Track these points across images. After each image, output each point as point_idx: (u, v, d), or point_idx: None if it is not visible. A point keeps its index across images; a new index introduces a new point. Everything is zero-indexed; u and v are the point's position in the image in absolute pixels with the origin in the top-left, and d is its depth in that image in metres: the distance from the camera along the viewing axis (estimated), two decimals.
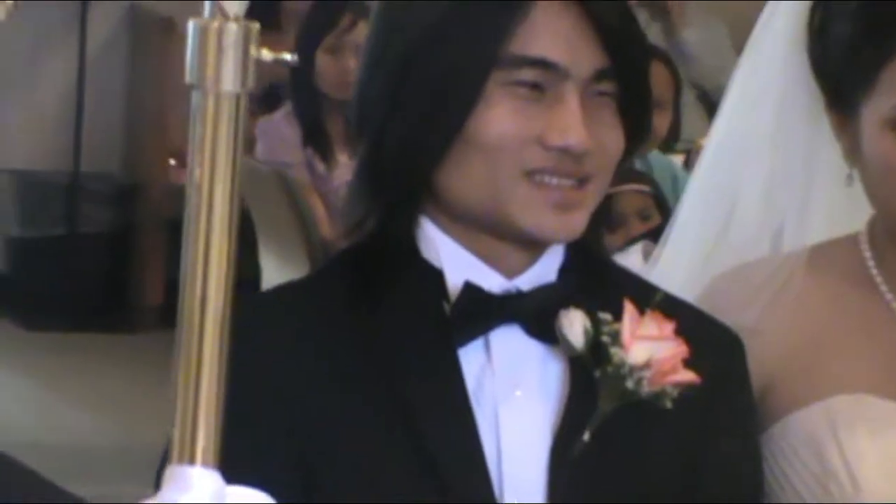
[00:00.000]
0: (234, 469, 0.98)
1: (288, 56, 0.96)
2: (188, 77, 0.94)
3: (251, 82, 0.95)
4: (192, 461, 0.94)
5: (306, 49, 6.26)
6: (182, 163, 7.19)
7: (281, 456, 1.70)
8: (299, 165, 6.31)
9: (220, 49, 0.93)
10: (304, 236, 6.15)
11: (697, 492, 1.91)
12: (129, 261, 8.86)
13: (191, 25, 0.93)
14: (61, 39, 8.93)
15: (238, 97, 0.94)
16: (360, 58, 1.97)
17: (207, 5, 0.93)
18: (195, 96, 0.94)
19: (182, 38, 0.95)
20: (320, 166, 6.22)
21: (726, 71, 2.61)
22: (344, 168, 5.82)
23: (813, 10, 2.10)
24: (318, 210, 6.12)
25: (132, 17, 9.03)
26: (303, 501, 1.23)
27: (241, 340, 1.27)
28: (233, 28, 0.93)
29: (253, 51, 0.93)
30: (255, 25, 0.94)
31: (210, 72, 0.93)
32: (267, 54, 0.93)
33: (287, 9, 7.77)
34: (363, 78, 1.96)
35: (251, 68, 0.94)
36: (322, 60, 6.30)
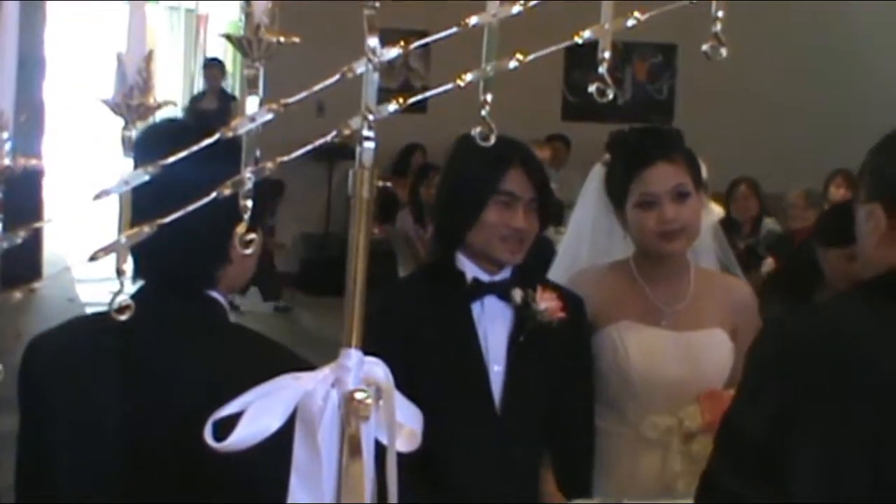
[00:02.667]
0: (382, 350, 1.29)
1: (388, 183, 1.37)
2: (349, 191, 1.22)
3: (374, 194, 1.22)
4: (350, 347, 1.23)
5: (417, 185, 9.92)
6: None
7: (403, 349, 2.57)
8: (413, 230, 9.62)
9: (362, 182, 1.22)
10: (414, 259, 9.21)
11: (567, 366, 2.83)
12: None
13: (350, 173, 1.21)
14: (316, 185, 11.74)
15: (369, 201, 1.22)
16: (436, 188, 2.96)
17: (357, 161, 1.22)
18: (352, 201, 1.22)
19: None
20: (421, 231, 9.39)
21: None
22: (430, 231, 7.85)
23: (606, 174, 2.99)
24: (420, 248, 9.25)
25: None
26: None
27: (386, 299, 2.63)
28: (367, 173, 1.21)
29: (375, 183, 1.22)
30: (376, 170, 1.21)
31: (358, 189, 1.22)
32: (379, 183, 1.32)
33: (412, 162, 11.40)
34: (437, 196, 2.93)
35: (374, 190, 1.22)
36: (422, 189, 9.60)
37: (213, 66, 13.35)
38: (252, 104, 1.16)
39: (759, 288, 6.52)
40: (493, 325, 2.83)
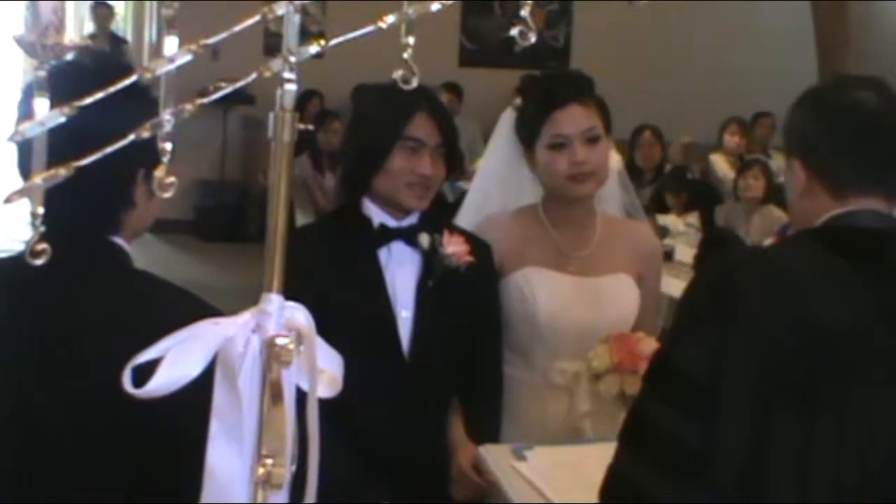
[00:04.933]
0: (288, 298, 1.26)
1: (310, 126, 1.36)
2: (269, 134, 1.20)
3: (295, 137, 1.20)
4: (271, 291, 1.23)
5: (317, 129, 9.50)
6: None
7: (310, 296, 2.35)
8: (312, 177, 9.62)
9: (283, 125, 1.20)
10: (312, 205, 9.36)
11: (475, 312, 2.88)
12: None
13: (271, 116, 1.19)
14: (210, 131, 11.59)
15: (289, 144, 1.21)
16: (344, 132, 2.93)
17: (277, 104, 1.20)
18: (273, 144, 1.21)
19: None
20: (319, 177, 9.56)
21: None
22: (329, 178, 9.24)
23: (517, 117, 3.01)
24: (319, 195, 9.42)
25: (246, 119, 11.66)
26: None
27: (292, 245, 2.32)
28: (288, 116, 1.19)
29: (296, 126, 1.20)
30: (297, 114, 1.20)
31: (278, 133, 1.20)
32: (300, 126, 1.19)
33: (310, 109, 10.45)
34: (344, 141, 2.97)
35: (295, 133, 1.20)
36: (320, 136, 9.51)
37: (102, 8, 13.07)
38: (171, 45, 1.14)
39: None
40: (400, 270, 2.82)
